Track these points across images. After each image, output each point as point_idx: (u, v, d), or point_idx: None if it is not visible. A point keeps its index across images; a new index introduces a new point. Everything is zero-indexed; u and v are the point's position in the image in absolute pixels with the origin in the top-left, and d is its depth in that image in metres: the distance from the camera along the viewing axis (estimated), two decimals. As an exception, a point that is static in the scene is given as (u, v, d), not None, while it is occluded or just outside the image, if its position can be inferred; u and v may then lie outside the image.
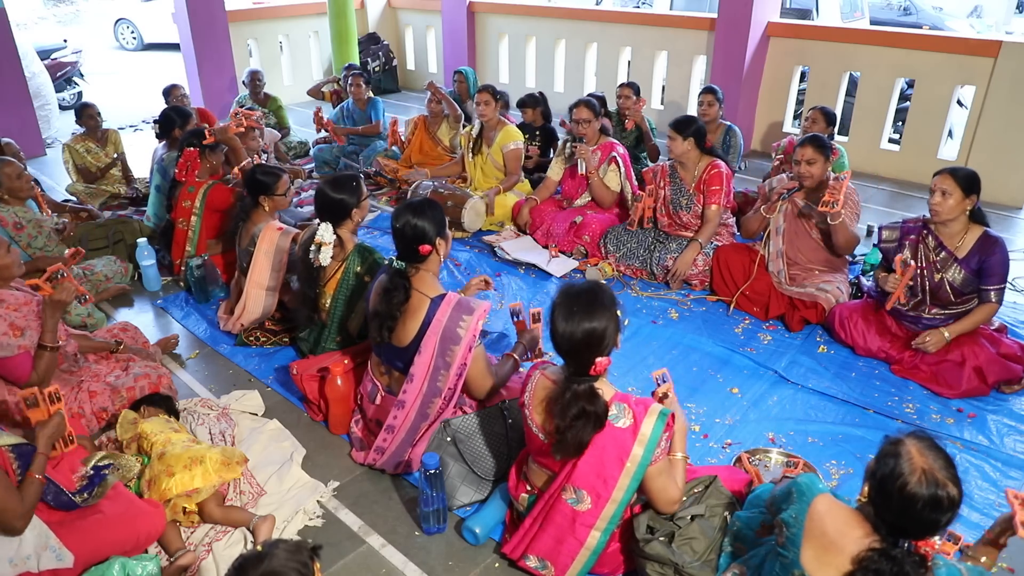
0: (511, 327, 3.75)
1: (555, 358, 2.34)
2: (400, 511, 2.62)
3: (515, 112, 6.34)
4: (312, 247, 3.10)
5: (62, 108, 8.24)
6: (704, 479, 2.23)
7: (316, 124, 6.08)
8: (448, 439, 2.62)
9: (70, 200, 5.27)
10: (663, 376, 2.31)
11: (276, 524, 2.49)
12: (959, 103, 6.36)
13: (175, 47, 9.62)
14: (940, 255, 3.26)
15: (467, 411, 2.70)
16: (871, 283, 3.71)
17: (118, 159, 5.60)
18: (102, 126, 5.59)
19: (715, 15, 6.63)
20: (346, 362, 3.02)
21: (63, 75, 8.58)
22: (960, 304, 3.28)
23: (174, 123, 4.68)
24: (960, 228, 3.22)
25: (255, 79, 6.50)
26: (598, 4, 13.11)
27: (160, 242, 4.45)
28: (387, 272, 2.62)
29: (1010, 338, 3.42)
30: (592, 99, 4.62)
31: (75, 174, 5.46)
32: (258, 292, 3.53)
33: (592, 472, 2.06)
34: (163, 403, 2.82)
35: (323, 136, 6.71)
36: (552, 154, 5.46)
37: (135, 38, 14.49)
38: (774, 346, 3.63)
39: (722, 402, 3.20)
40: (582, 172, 4.50)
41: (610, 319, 2.00)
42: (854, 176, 5.89)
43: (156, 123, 4.80)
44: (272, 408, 3.20)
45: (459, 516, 2.55)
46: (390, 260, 2.60)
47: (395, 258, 2.59)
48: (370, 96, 6.23)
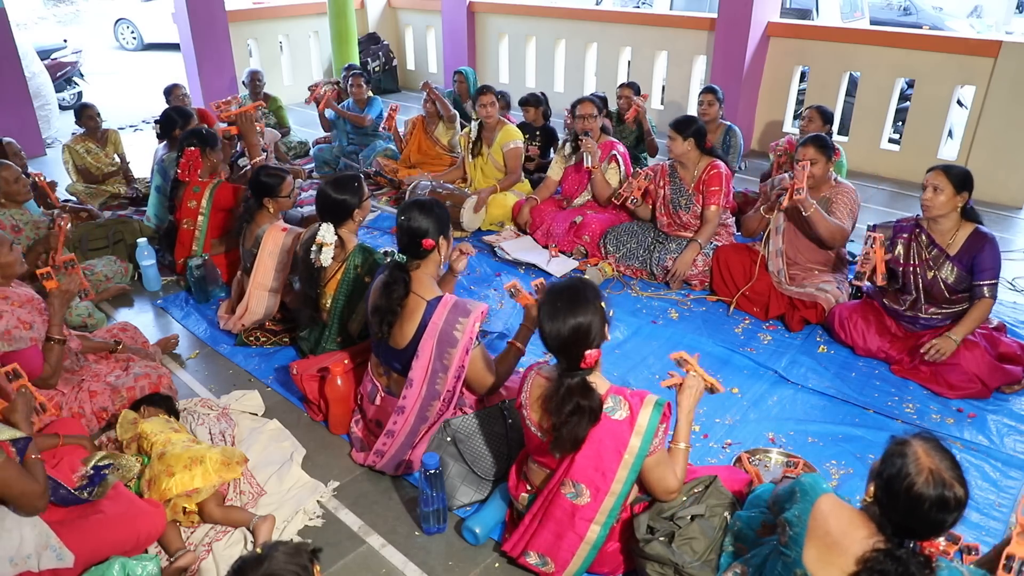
0: (511, 327, 3.75)
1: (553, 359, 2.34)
2: (400, 511, 2.62)
3: (516, 112, 6.35)
4: (313, 247, 3.10)
5: (62, 108, 8.24)
6: (704, 479, 2.23)
7: (312, 98, 6.17)
8: (448, 439, 2.62)
9: (70, 200, 5.28)
10: (680, 359, 2.28)
11: (276, 524, 2.49)
12: (959, 103, 6.36)
13: (175, 47, 9.62)
14: (932, 252, 3.26)
15: (467, 411, 2.70)
16: (870, 284, 3.70)
17: (121, 165, 5.62)
18: (102, 126, 5.59)
19: (715, 15, 6.63)
20: (346, 362, 3.02)
21: (63, 75, 8.58)
22: (956, 302, 3.28)
23: (175, 123, 4.67)
24: (952, 225, 3.22)
25: (255, 79, 6.51)
26: (598, 4, 13.11)
27: (162, 243, 4.45)
28: (387, 267, 2.63)
29: (1009, 337, 3.43)
30: (593, 97, 4.63)
31: (75, 174, 5.46)
32: (261, 293, 3.53)
33: (590, 466, 2.07)
34: (163, 403, 2.81)
35: (323, 136, 6.72)
36: (552, 154, 5.46)
37: (135, 38, 14.49)
38: (774, 346, 3.63)
39: (722, 402, 3.19)
40: (588, 166, 4.50)
41: (595, 312, 2.03)
42: (854, 176, 5.94)
43: (157, 123, 4.79)
44: (272, 408, 3.20)
45: (459, 516, 2.55)
46: (391, 252, 2.60)
47: (396, 252, 2.59)
48: (370, 96, 6.23)
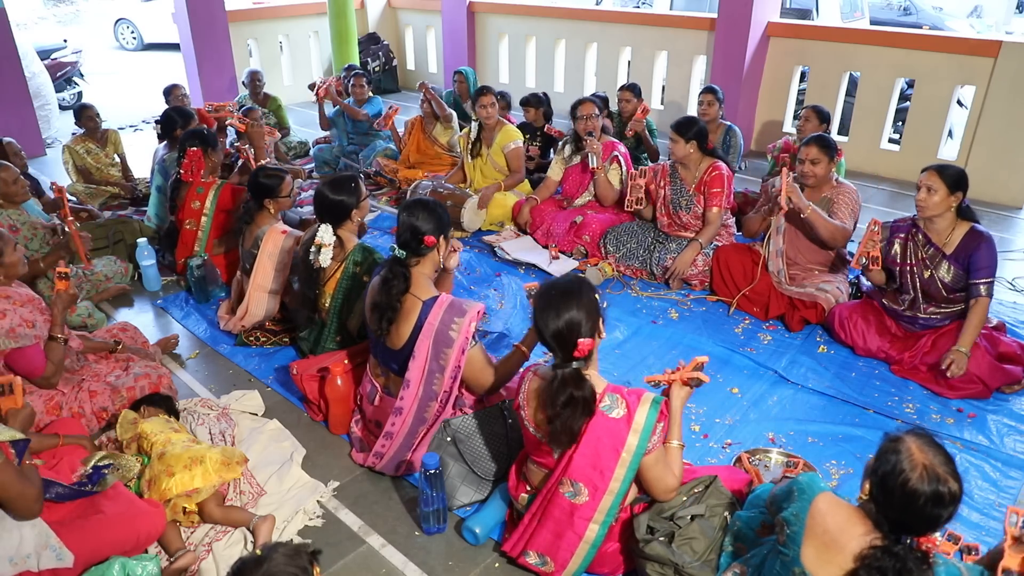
0: (511, 327, 3.75)
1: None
2: (400, 511, 2.62)
3: (516, 112, 6.35)
4: (312, 248, 3.10)
5: (62, 108, 8.24)
6: (704, 479, 2.23)
7: (315, 92, 6.17)
8: (448, 439, 2.62)
9: (70, 200, 5.27)
10: (654, 382, 2.29)
11: (276, 524, 2.49)
12: (959, 103, 6.36)
13: (175, 47, 9.62)
14: (929, 251, 3.26)
15: (466, 411, 2.70)
16: (870, 284, 3.70)
17: (123, 172, 5.65)
18: (102, 127, 5.59)
19: (715, 15, 6.63)
20: (346, 362, 3.02)
21: (63, 75, 8.58)
22: (954, 302, 3.28)
23: (176, 123, 4.67)
24: (948, 225, 3.22)
25: (255, 79, 6.51)
26: (598, 4, 13.11)
27: (162, 243, 4.45)
28: (385, 264, 2.63)
29: (1009, 337, 3.43)
30: (593, 97, 4.63)
31: (75, 174, 5.46)
32: (260, 295, 3.53)
33: (588, 464, 2.07)
34: (163, 403, 2.82)
35: (323, 136, 6.72)
36: (552, 154, 5.46)
37: (135, 38, 14.49)
38: (774, 346, 3.63)
39: (722, 402, 3.20)
40: (593, 166, 4.49)
41: (587, 302, 2.05)
42: (855, 176, 5.94)
43: (158, 123, 4.79)
44: (272, 408, 3.20)
45: (459, 516, 2.55)
46: (392, 248, 2.60)
47: (395, 247, 2.59)
48: (370, 96, 6.23)
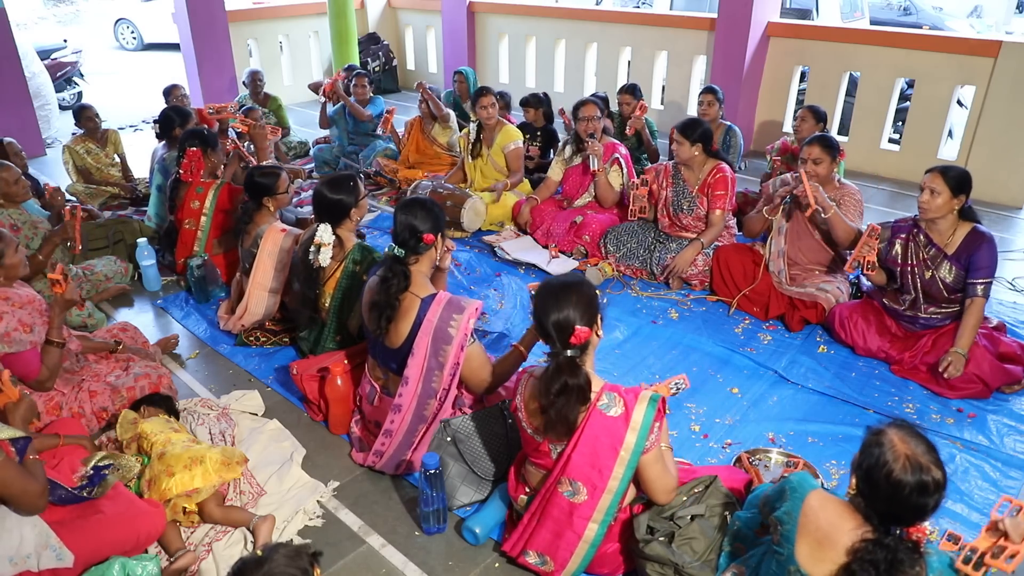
0: (511, 327, 3.75)
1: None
2: (400, 511, 2.62)
3: (516, 112, 6.35)
4: (312, 248, 3.10)
5: (62, 108, 8.23)
6: (704, 479, 2.23)
7: (322, 92, 6.25)
8: (448, 439, 2.62)
9: (70, 200, 5.28)
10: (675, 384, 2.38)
11: (276, 524, 2.49)
12: (959, 103, 6.36)
13: (175, 47, 9.62)
14: (930, 252, 3.26)
15: (466, 411, 2.70)
16: (870, 283, 3.70)
17: (123, 172, 5.65)
18: (101, 127, 5.60)
19: (715, 15, 6.63)
20: (346, 362, 3.02)
21: (63, 75, 8.58)
22: (955, 302, 3.28)
23: (174, 123, 4.67)
24: (949, 225, 3.22)
25: (255, 79, 6.51)
26: (598, 4, 13.11)
27: (162, 243, 4.45)
28: (382, 263, 2.63)
29: (1009, 337, 3.43)
30: (595, 99, 4.62)
31: (75, 174, 5.46)
32: (260, 293, 3.53)
33: (586, 463, 2.07)
34: (163, 403, 2.82)
35: (323, 136, 6.71)
36: (552, 155, 5.46)
37: (135, 38, 14.49)
38: (774, 346, 3.63)
39: (722, 402, 3.20)
40: (594, 168, 4.49)
41: (587, 296, 2.07)
42: (855, 176, 5.94)
43: (156, 123, 4.80)
44: (272, 408, 3.20)
45: (459, 516, 2.55)
46: (389, 248, 2.60)
47: (393, 246, 2.58)
48: (372, 96, 6.23)
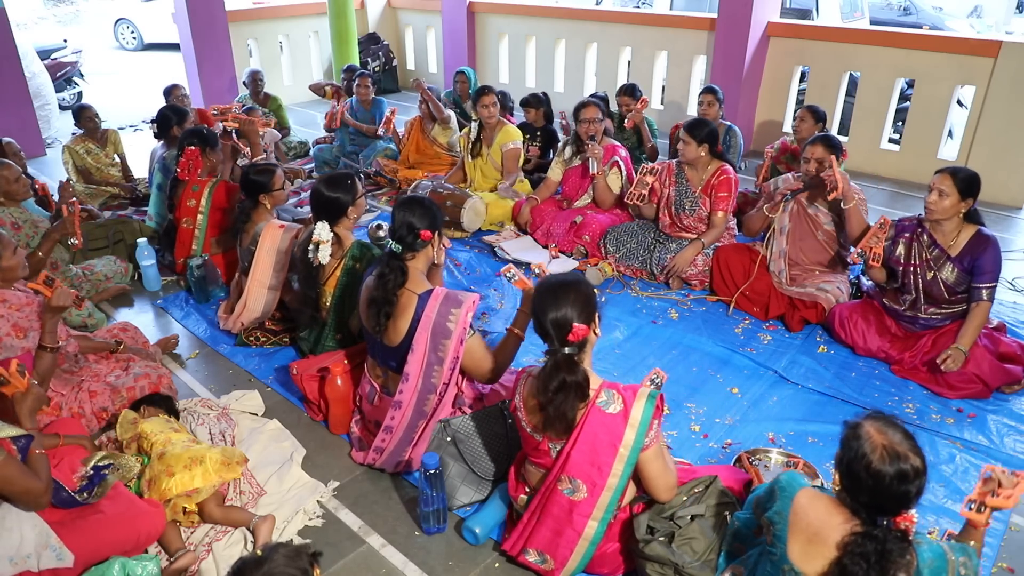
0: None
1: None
2: (400, 511, 2.62)
3: (518, 113, 6.34)
4: (310, 246, 3.10)
5: (62, 108, 8.23)
6: (704, 479, 2.24)
7: (328, 120, 6.26)
8: (448, 439, 2.62)
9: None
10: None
11: (276, 524, 2.49)
12: (959, 103, 6.36)
13: (175, 47, 9.62)
14: (933, 252, 3.26)
15: (466, 410, 2.70)
16: (871, 283, 3.70)
17: (123, 172, 5.66)
18: (101, 127, 5.60)
19: (715, 15, 6.63)
20: (345, 362, 3.02)
21: (63, 75, 8.58)
22: (955, 303, 3.28)
23: (171, 121, 4.68)
24: (954, 227, 3.21)
25: (255, 79, 6.51)
26: (598, 4, 13.11)
27: (161, 242, 4.45)
28: (380, 260, 2.63)
29: (1009, 337, 3.43)
30: (597, 100, 4.61)
31: (75, 175, 5.46)
32: (259, 291, 3.53)
33: (586, 460, 2.07)
34: (163, 403, 2.82)
35: (323, 136, 6.72)
36: (552, 155, 5.46)
37: (135, 38, 14.49)
38: (774, 346, 3.63)
39: (722, 402, 3.20)
40: (594, 172, 4.48)
41: (585, 294, 2.07)
42: (855, 176, 5.92)
43: (153, 123, 4.81)
44: (272, 408, 3.20)
45: (459, 516, 2.56)
46: (381, 226, 2.60)
47: (391, 242, 2.59)
48: (375, 97, 6.23)
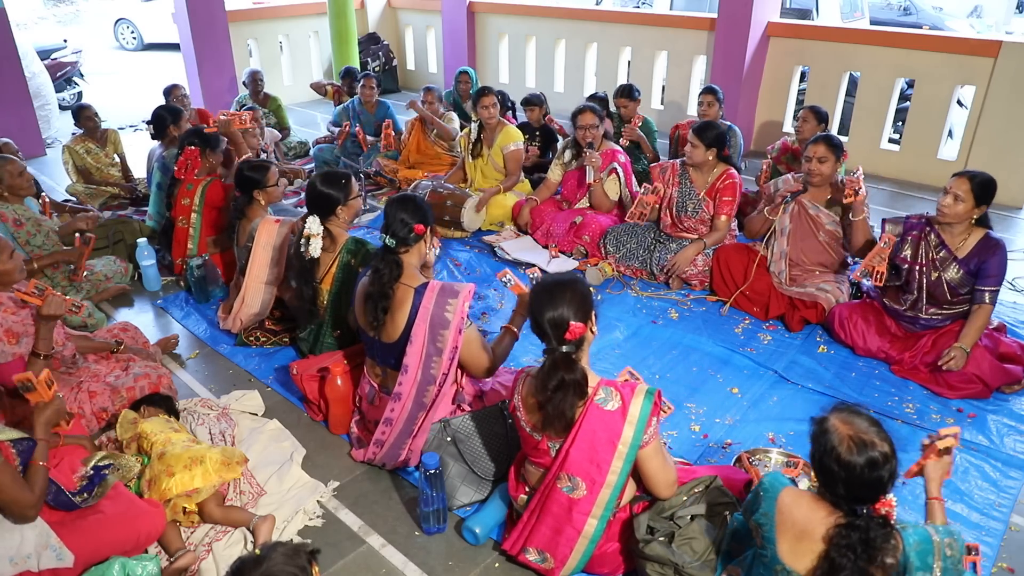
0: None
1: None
2: (400, 511, 2.62)
3: (519, 114, 6.33)
4: (302, 240, 3.11)
5: (62, 108, 8.23)
6: (704, 479, 2.24)
7: (341, 137, 5.99)
8: (448, 439, 2.62)
9: (70, 200, 5.28)
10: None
11: (276, 524, 2.49)
12: (959, 103, 6.36)
13: (175, 47, 9.62)
14: (940, 253, 3.25)
15: (465, 409, 2.70)
16: (871, 283, 3.70)
17: (123, 172, 5.66)
18: (101, 126, 5.60)
19: (715, 15, 6.63)
20: (345, 362, 3.02)
21: (63, 75, 8.58)
22: (956, 304, 3.28)
23: (166, 121, 4.69)
24: (964, 229, 3.21)
25: (255, 79, 6.51)
26: (598, 4, 13.11)
27: (160, 241, 4.46)
28: (375, 256, 2.65)
29: (1009, 338, 3.43)
30: (595, 105, 4.59)
31: (75, 175, 5.46)
32: (257, 286, 3.53)
33: (584, 458, 2.07)
34: (163, 403, 2.82)
35: (323, 136, 6.71)
36: (551, 155, 5.46)
37: (135, 38, 14.49)
38: (774, 346, 3.63)
39: (722, 402, 3.20)
40: (590, 181, 4.48)
41: (581, 293, 2.07)
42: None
43: (149, 124, 4.81)
44: (272, 408, 3.20)
45: (459, 516, 2.56)
46: (380, 238, 2.61)
47: (385, 236, 2.59)
48: (379, 100, 6.21)
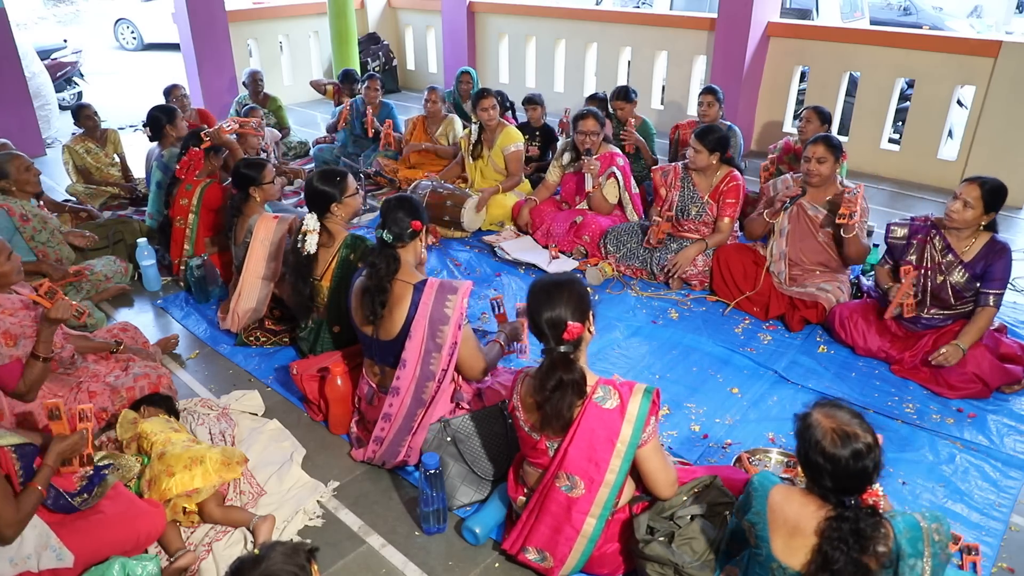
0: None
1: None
2: (400, 511, 2.62)
3: (520, 115, 6.33)
4: (299, 237, 3.11)
5: (62, 108, 8.23)
6: (704, 479, 2.24)
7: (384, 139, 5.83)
8: (448, 439, 2.62)
9: (70, 200, 5.28)
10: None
11: (276, 524, 2.49)
12: (959, 103, 6.36)
13: (175, 47, 9.62)
14: (947, 257, 3.25)
15: (464, 408, 2.70)
16: (871, 283, 3.70)
17: (123, 172, 5.66)
18: (101, 126, 5.59)
19: (715, 15, 6.63)
20: (345, 362, 3.02)
21: (63, 75, 8.58)
22: (959, 305, 3.28)
23: (162, 121, 4.68)
24: (971, 233, 3.20)
25: (255, 79, 6.51)
26: (598, 4, 13.11)
27: (159, 240, 4.46)
28: (372, 251, 2.65)
29: (1010, 338, 3.43)
30: (597, 110, 4.57)
31: (75, 175, 5.46)
32: (254, 281, 3.52)
33: (583, 457, 2.07)
34: (163, 403, 2.82)
35: (323, 136, 6.71)
36: (551, 155, 5.46)
37: (135, 38, 14.50)
38: (774, 346, 3.63)
39: (722, 402, 3.20)
40: (588, 188, 4.48)
41: (578, 293, 2.07)
42: (855, 176, 5.93)
43: (146, 126, 4.79)
44: (272, 408, 3.20)
45: (459, 516, 2.56)
46: (377, 234, 2.61)
47: (382, 231, 2.60)
48: (382, 101, 6.21)
